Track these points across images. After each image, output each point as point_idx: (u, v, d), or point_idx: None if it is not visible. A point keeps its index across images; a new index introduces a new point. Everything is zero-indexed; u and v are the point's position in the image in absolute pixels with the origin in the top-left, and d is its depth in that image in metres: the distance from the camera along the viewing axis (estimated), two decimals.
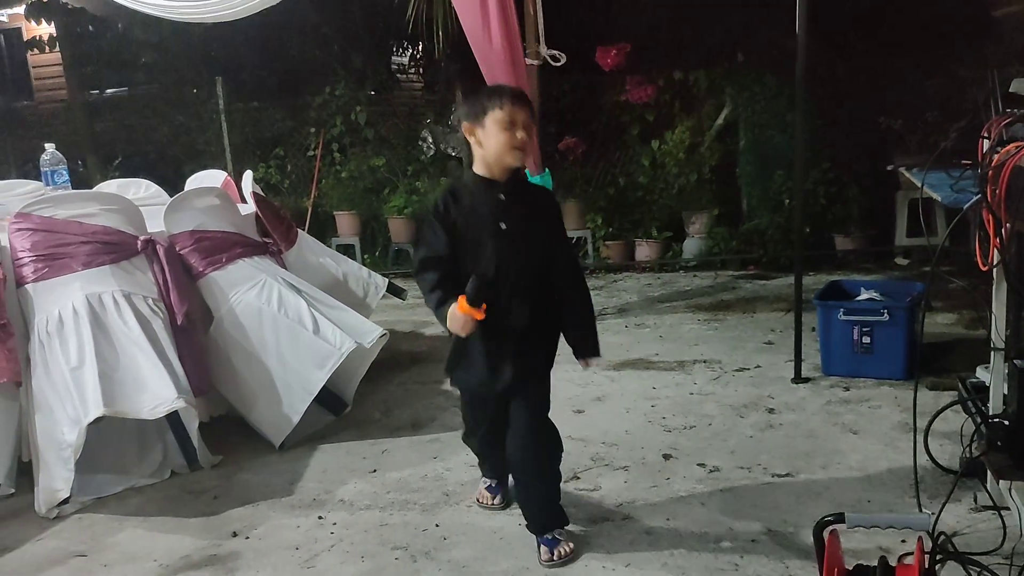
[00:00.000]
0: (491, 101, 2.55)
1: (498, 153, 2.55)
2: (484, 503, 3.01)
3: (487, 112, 2.54)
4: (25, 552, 2.95)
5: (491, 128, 2.54)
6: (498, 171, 2.59)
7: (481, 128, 2.56)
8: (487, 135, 2.55)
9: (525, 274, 2.60)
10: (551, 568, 2.61)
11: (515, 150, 2.55)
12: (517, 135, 2.54)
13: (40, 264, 3.41)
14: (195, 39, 8.94)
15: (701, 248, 7.04)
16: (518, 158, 2.58)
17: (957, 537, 2.54)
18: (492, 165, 2.59)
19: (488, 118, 2.54)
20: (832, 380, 4.04)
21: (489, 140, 2.56)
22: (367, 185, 8.13)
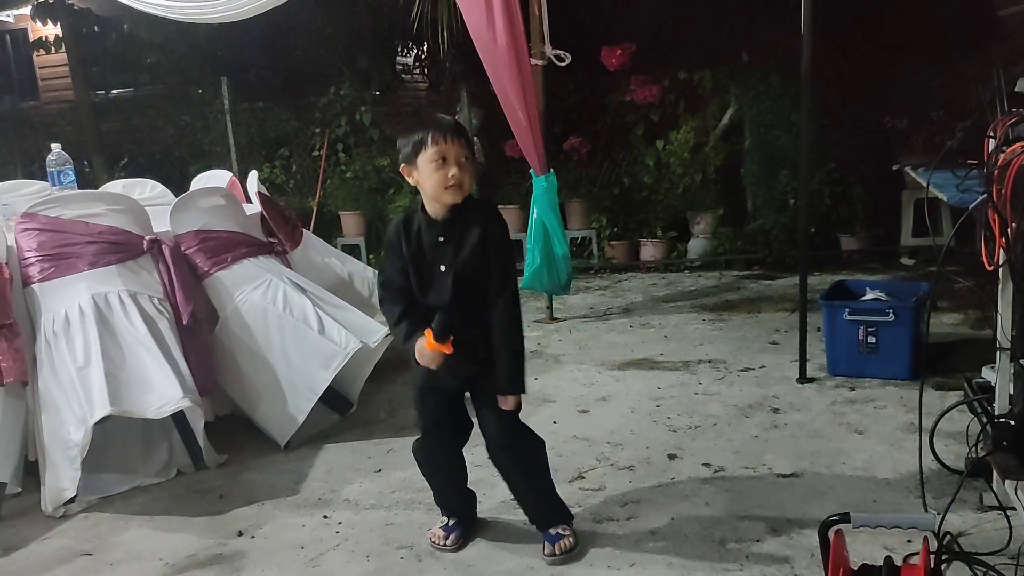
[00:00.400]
0: (421, 139, 2.49)
1: (434, 192, 2.51)
2: (436, 543, 2.77)
3: (418, 152, 2.50)
4: (31, 551, 2.96)
5: (424, 168, 2.50)
6: (439, 209, 2.55)
7: (415, 169, 2.53)
8: (421, 175, 2.52)
9: (472, 304, 2.57)
10: (554, 563, 2.62)
11: (450, 188, 2.49)
12: (449, 173, 2.47)
13: (46, 264, 3.42)
14: (200, 39, 8.96)
15: (706, 248, 7.03)
16: (455, 195, 2.51)
17: (963, 537, 2.54)
18: (433, 203, 2.56)
19: (420, 158, 2.50)
20: (837, 380, 4.04)
21: (424, 180, 2.52)
22: (372, 185, 8.14)
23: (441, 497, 2.88)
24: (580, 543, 2.70)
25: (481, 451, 2.78)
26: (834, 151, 6.71)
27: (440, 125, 2.52)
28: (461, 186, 2.50)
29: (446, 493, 2.87)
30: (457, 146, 2.50)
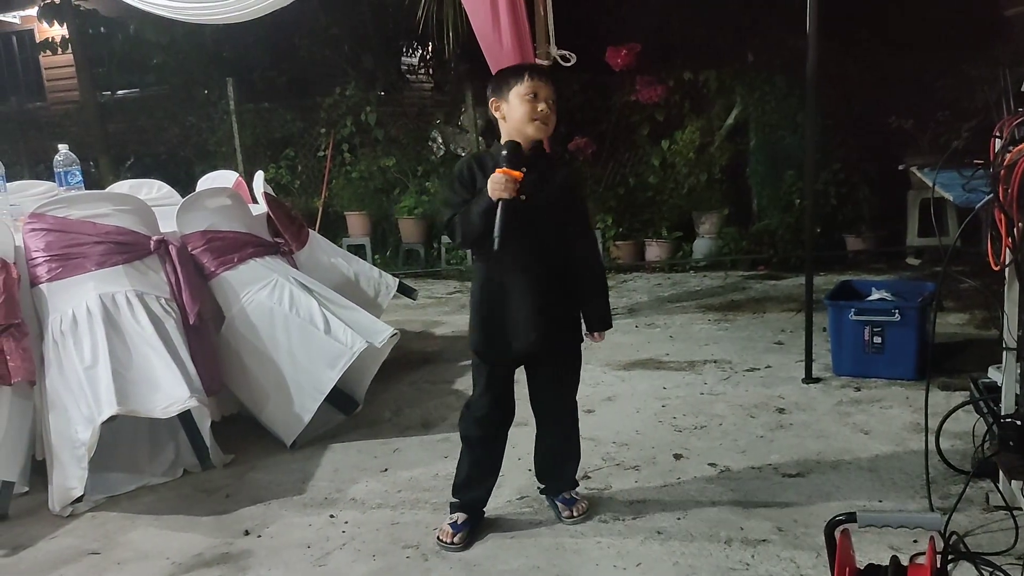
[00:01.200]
0: (515, 75, 2.63)
1: (520, 125, 2.62)
2: (444, 540, 2.76)
3: (511, 86, 2.62)
4: (39, 550, 2.97)
5: (514, 101, 2.62)
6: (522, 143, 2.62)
7: (505, 102, 2.64)
8: (511, 108, 2.63)
9: (543, 245, 2.66)
10: (575, 523, 2.83)
11: (536, 122, 2.61)
12: (538, 107, 2.59)
13: (54, 264, 3.43)
14: (206, 40, 8.98)
15: (711, 248, 7.03)
16: (539, 130, 2.63)
17: (969, 537, 2.53)
18: (515, 138, 2.63)
19: (511, 92, 2.62)
20: (843, 380, 4.03)
21: (512, 113, 2.63)
22: (377, 185, 8.16)
23: (468, 483, 2.84)
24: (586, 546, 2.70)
25: None
26: (839, 151, 6.71)
27: (535, 67, 2.71)
28: (547, 123, 2.62)
29: (476, 478, 2.85)
30: (548, 88, 2.62)
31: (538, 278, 2.66)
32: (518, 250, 2.60)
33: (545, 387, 2.84)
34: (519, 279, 2.65)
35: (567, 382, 2.87)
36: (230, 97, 8.30)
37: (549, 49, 5.02)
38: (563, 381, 2.86)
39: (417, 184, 8.02)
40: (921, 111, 6.25)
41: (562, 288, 2.72)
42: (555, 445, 2.93)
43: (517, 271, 2.64)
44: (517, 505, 3.01)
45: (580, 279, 2.75)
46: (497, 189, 2.51)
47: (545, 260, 2.67)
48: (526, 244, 2.61)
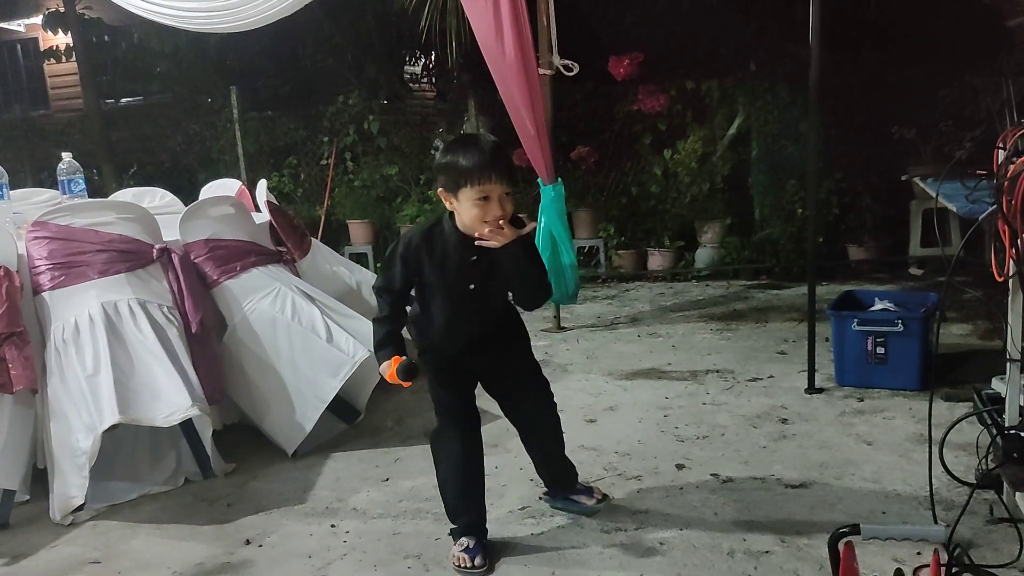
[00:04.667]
0: (465, 175, 2.45)
1: (471, 226, 2.49)
2: (464, 566, 2.65)
3: (460, 187, 2.47)
4: (40, 559, 2.96)
5: (464, 202, 2.48)
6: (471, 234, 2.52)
7: (455, 198, 2.51)
8: (460, 207, 2.50)
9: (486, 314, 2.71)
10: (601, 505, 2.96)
11: (488, 225, 2.46)
12: (490, 213, 2.45)
13: (57, 272, 3.43)
14: (210, 49, 9.02)
15: (713, 257, 7.03)
16: (492, 238, 2.48)
17: (973, 549, 2.52)
18: (467, 229, 2.53)
19: (461, 192, 2.47)
20: (846, 391, 4.02)
21: (462, 212, 2.51)
22: (380, 194, 8.17)
23: (459, 501, 2.77)
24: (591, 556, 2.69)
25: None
26: (842, 161, 6.71)
27: (485, 164, 2.44)
28: (500, 225, 2.46)
29: (465, 494, 2.76)
30: (501, 185, 2.46)
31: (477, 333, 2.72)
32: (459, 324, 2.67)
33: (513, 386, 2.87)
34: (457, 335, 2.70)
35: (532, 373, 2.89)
36: (234, 105, 8.32)
37: (552, 58, 5.04)
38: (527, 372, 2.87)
39: (419, 193, 8.03)
40: (924, 121, 6.24)
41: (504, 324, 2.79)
42: (545, 445, 2.97)
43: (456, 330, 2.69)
44: (519, 516, 3.00)
45: None
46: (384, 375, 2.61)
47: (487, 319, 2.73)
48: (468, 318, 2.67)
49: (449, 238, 2.57)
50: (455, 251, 2.57)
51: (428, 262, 2.58)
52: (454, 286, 2.61)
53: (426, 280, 2.62)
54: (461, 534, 2.74)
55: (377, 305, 2.70)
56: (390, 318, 2.66)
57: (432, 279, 2.60)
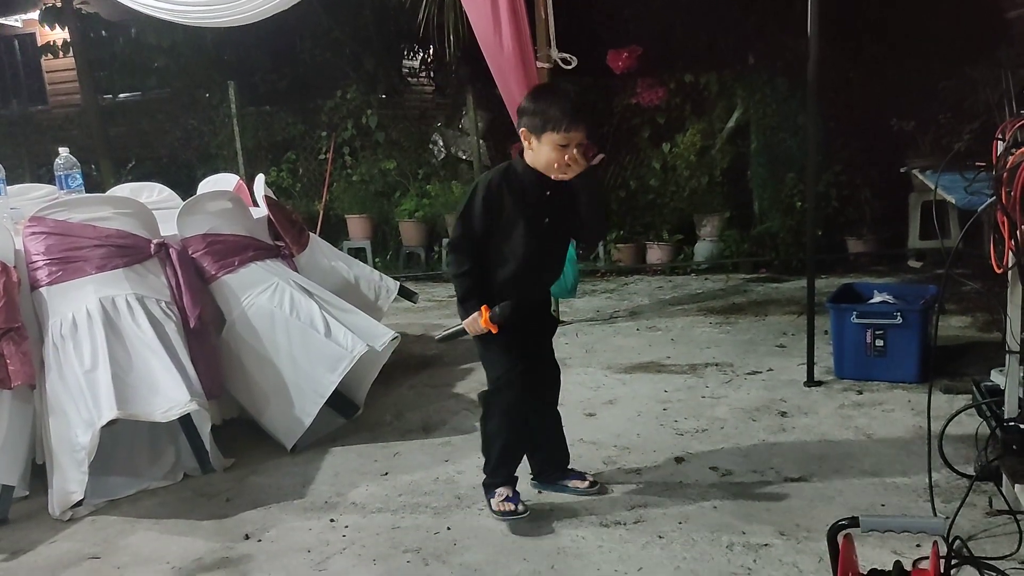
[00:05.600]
0: (555, 121, 2.64)
1: (546, 166, 2.70)
2: (506, 511, 2.87)
3: (545, 131, 2.66)
4: (39, 554, 2.96)
5: (545, 145, 2.68)
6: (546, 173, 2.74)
7: (536, 139, 2.70)
8: (540, 148, 2.69)
9: (556, 250, 2.93)
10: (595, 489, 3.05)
11: (560, 169, 2.67)
12: (566, 157, 2.65)
13: (54, 267, 3.43)
14: (207, 43, 8.99)
15: (712, 251, 7.03)
16: (562, 176, 2.69)
17: (972, 541, 2.52)
18: (539, 168, 2.73)
19: (545, 135, 2.66)
20: (845, 383, 4.02)
21: (540, 153, 2.70)
22: (378, 188, 8.16)
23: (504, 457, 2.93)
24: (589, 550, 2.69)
25: None
26: (841, 154, 6.70)
27: (575, 115, 2.65)
28: (573, 168, 2.68)
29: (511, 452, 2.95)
30: (582, 134, 2.67)
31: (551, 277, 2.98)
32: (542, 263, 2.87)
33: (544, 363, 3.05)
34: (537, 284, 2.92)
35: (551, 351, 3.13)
36: (231, 100, 8.30)
37: (550, 52, 5.02)
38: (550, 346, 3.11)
39: (418, 187, 8.02)
40: (923, 113, 6.23)
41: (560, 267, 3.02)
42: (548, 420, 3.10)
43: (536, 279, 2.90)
44: None
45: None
46: (471, 328, 2.76)
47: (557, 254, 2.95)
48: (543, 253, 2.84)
49: (524, 176, 2.76)
50: (531, 187, 2.76)
51: (510, 198, 2.73)
52: (533, 219, 2.75)
53: (506, 219, 2.74)
54: (496, 486, 2.93)
55: (453, 261, 2.81)
56: (471, 271, 2.77)
57: (514, 215, 2.73)
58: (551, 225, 2.80)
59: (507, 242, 2.76)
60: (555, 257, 2.95)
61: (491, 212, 2.73)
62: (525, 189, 2.75)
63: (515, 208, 2.74)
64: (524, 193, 2.75)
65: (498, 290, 2.78)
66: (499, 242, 2.77)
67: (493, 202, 2.73)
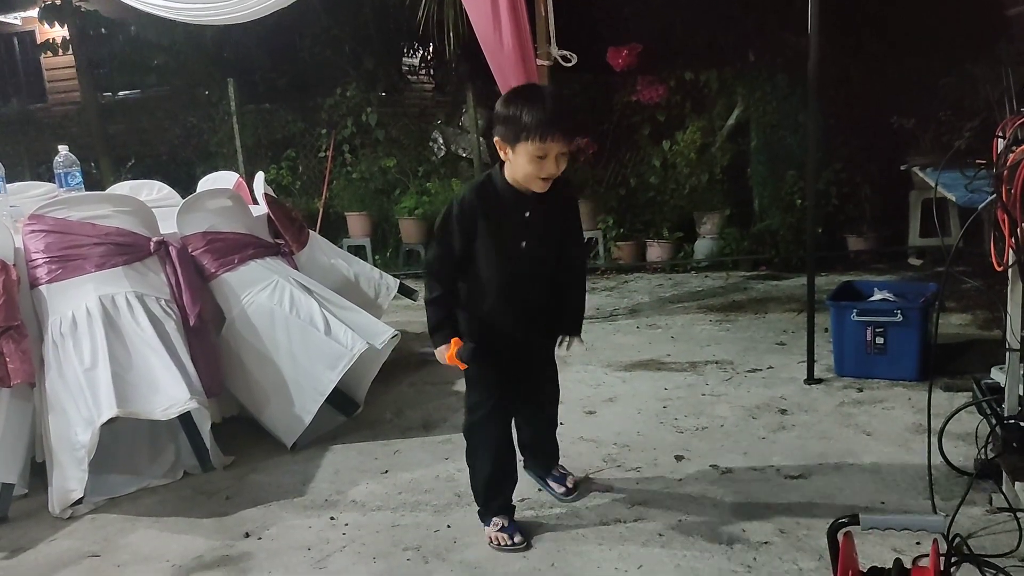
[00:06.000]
0: (527, 129, 2.41)
1: (525, 179, 2.51)
2: (503, 544, 2.72)
3: (519, 140, 2.44)
4: (39, 552, 2.96)
5: (521, 155, 2.46)
6: (525, 190, 2.56)
7: (511, 150, 2.48)
8: (515, 159, 2.48)
9: (537, 280, 2.71)
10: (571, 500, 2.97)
11: (540, 181, 2.49)
12: (545, 169, 2.46)
13: (54, 265, 3.43)
14: (207, 41, 8.98)
15: (712, 249, 7.02)
16: (542, 187, 2.52)
17: (972, 539, 2.52)
18: (518, 182, 2.54)
19: (519, 146, 2.44)
20: (845, 381, 4.02)
21: (517, 165, 2.49)
22: (378, 186, 8.15)
23: (492, 488, 2.81)
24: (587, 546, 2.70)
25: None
26: (841, 151, 6.69)
27: (547, 123, 2.41)
28: (552, 178, 2.51)
29: (499, 482, 2.82)
30: (560, 143, 2.45)
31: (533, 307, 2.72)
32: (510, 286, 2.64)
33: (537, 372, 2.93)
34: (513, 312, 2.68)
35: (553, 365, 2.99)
36: (231, 98, 8.29)
37: (550, 49, 5.02)
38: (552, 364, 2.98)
39: (418, 185, 8.01)
40: (923, 110, 6.23)
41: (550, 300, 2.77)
42: (541, 428, 3.03)
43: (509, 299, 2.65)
44: (518, 508, 2.99)
45: (565, 287, 2.79)
46: (439, 359, 2.59)
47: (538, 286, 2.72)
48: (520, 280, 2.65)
49: (502, 193, 2.56)
50: (509, 207, 2.56)
51: (483, 220, 2.54)
52: (509, 243, 2.58)
53: (480, 242, 2.56)
54: (493, 515, 2.80)
55: (428, 285, 2.64)
56: (444, 298, 2.61)
57: (487, 238, 2.55)
58: (528, 250, 2.60)
59: (482, 269, 2.59)
60: (537, 289, 2.69)
61: (465, 234, 2.54)
62: (502, 208, 2.55)
63: (489, 230, 2.54)
64: (500, 213, 2.55)
65: (477, 324, 2.65)
66: (475, 268, 2.60)
67: (466, 223, 2.53)
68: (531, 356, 2.86)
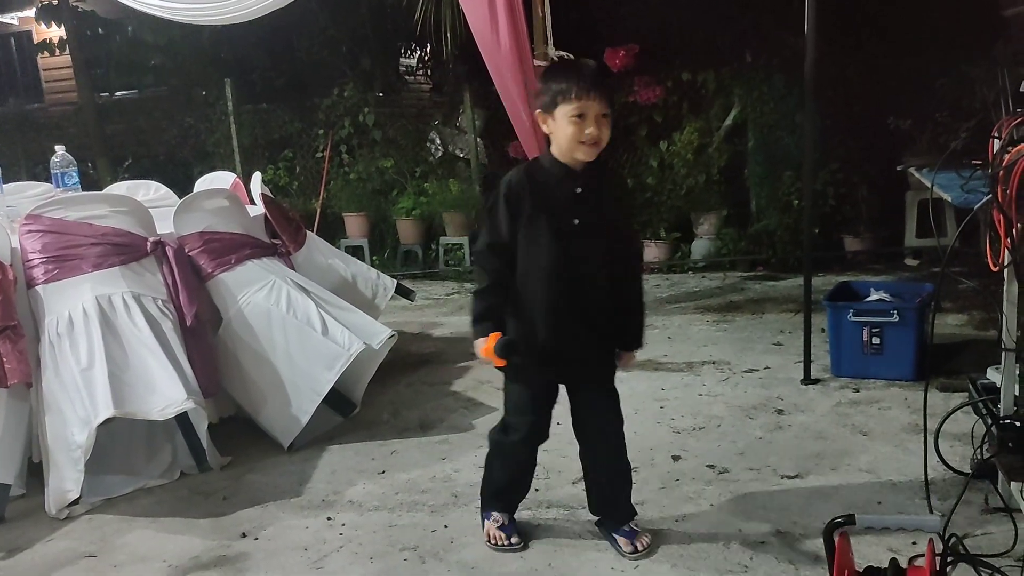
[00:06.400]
0: (563, 91, 2.38)
1: (568, 147, 2.43)
2: (499, 543, 2.70)
3: (557, 104, 2.40)
4: (35, 552, 2.96)
5: (560, 121, 2.41)
6: (572, 160, 2.47)
7: (551, 119, 2.44)
8: (556, 127, 2.43)
9: (590, 265, 2.51)
10: (636, 559, 2.59)
11: (584, 145, 2.41)
12: (586, 131, 2.38)
13: (51, 265, 3.42)
14: (204, 41, 8.98)
15: (710, 249, 7.03)
16: (588, 153, 2.43)
17: (968, 539, 2.52)
18: (567, 156, 2.47)
19: (558, 111, 2.40)
20: (842, 381, 4.03)
21: (558, 133, 2.43)
22: (375, 186, 8.16)
23: (506, 493, 2.78)
24: (583, 549, 2.69)
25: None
26: (838, 151, 6.70)
27: (584, 78, 2.38)
28: (597, 144, 2.42)
29: (515, 489, 2.79)
30: (599, 102, 2.39)
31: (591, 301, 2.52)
32: (564, 269, 2.47)
33: (591, 405, 2.66)
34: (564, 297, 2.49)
35: (614, 398, 2.68)
36: (228, 98, 8.29)
37: (547, 50, 5.02)
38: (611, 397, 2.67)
39: (415, 185, 8.01)
40: (920, 111, 6.24)
41: (608, 302, 2.56)
42: (608, 476, 2.72)
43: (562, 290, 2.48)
44: None
45: (623, 292, 2.60)
46: (478, 353, 2.44)
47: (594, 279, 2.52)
48: (573, 262, 2.48)
49: (551, 170, 2.48)
50: (558, 182, 2.47)
51: (532, 197, 2.45)
52: (559, 220, 2.45)
53: (529, 222, 2.45)
54: (494, 510, 2.77)
55: (476, 276, 2.57)
56: (491, 289, 2.50)
57: (537, 215, 2.45)
58: (582, 228, 2.46)
59: (530, 251, 2.47)
60: (591, 274, 2.50)
61: (514, 214, 2.45)
62: (552, 184, 2.47)
63: (538, 206, 2.45)
64: (549, 189, 2.46)
65: (526, 317, 2.50)
66: (523, 253, 2.47)
67: (515, 201, 2.44)
68: (585, 375, 2.62)
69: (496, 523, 2.75)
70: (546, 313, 2.49)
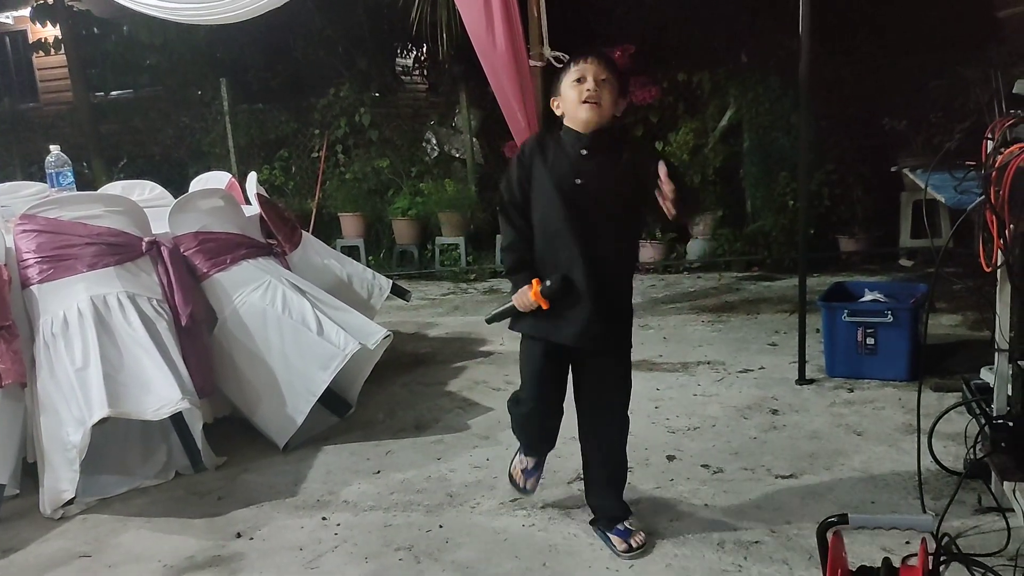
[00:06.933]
0: (564, 68, 2.60)
1: (572, 113, 2.56)
2: (517, 482, 2.93)
3: (561, 79, 2.60)
4: (30, 553, 2.96)
5: (565, 91, 2.58)
6: (580, 124, 2.57)
7: (560, 98, 2.61)
8: (564, 99, 2.59)
9: (597, 230, 2.56)
10: (630, 558, 2.61)
11: (585, 105, 2.51)
12: (585, 89, 2.51)
13: (45, 265, 3.42)
14: (200, 41, 8.97)
15: (705, 249, 7.04)
16: (591, 112, 2.52)
17: (961, 539, 2.54)
18: (576, 123, 2.58)
19: (563, 84, 2.59)
20: (836, 381, 4.04)
21: (566, 103, 2.59)
22: (371, 186, 8.16)
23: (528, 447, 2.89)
24: (583, 548, 2.70)
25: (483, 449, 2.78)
26: (833, 152, 6.71)
27: (589, 50, 2.57)
28: (598, 103, 2.52)
29: (534, 446, 2.89)
30: (596, 66, 2.54)
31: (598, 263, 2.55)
32: (577, 236, 2.53)
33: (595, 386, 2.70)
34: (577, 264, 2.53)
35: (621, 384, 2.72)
36: (224, 98, 8.29)
37: (542, 50, 5.03)
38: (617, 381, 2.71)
39: (411, 185, 8.01)
40: (914, 112, 6.25)
41: (621, 274, 2.66)
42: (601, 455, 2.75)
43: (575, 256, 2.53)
44: (510, 508, 3.01)
45: None
46: (519, 303, 2.58)
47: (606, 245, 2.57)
48: (587, 229, 2.54)
49: (562, 136, 2.62)
50: (567, 145, 2.59)
51: (541, 158, 2.59)
52: (562, 180, 2.55)
53: (537, 182, 2.58)
54: (526, 453, 2.90)
55: (503, 232, 2.69)
56: (517, 242, 2.62)
57: (544, 173, 2.57)
58: (583, 189, 2.53)
59: (536, 209, 2.59)
60: (594, 235, 2.55)
61: (526, 175, 2.60)
62: (561, 147, 2.59)
63: (545, 165, 2.58)
64: (557, 151, 2.59)
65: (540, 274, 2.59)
66: (534, 212, 2.60)
67: (527, 164, 2.61)
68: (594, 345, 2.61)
69: (522, 464, 2.91)
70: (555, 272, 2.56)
